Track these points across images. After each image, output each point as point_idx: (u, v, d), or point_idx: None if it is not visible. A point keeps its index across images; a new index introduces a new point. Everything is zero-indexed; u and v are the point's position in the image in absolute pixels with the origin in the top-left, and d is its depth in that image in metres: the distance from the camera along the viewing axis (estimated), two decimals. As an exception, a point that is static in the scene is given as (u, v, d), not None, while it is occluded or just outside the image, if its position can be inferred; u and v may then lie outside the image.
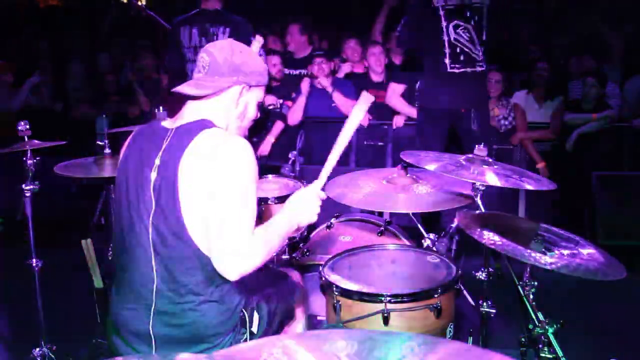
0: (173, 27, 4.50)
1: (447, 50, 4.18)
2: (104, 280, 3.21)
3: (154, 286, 1.90)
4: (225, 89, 2.01)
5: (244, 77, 2.03)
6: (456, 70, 4.22)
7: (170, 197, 1.87)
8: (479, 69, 4.26)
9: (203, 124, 1.95)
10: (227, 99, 2.03)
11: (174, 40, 4.43)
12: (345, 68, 5.72)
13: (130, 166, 1.99)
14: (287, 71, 5.60)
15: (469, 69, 4.24)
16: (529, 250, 1.96)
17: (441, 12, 4.16)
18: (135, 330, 1.94)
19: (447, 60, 4.18)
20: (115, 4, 6.89)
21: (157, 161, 1.92)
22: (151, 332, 1.91)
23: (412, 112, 5.13)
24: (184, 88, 1.98)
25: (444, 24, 4.16)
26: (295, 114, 5.28)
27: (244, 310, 2.02)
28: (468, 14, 4.19)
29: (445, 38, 4.17)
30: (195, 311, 1.91)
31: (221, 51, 2.03)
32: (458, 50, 4.20)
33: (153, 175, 1.91)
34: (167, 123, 2.04)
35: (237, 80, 2.02)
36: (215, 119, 2.00)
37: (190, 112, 2.02)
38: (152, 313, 1.91)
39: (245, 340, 2.03)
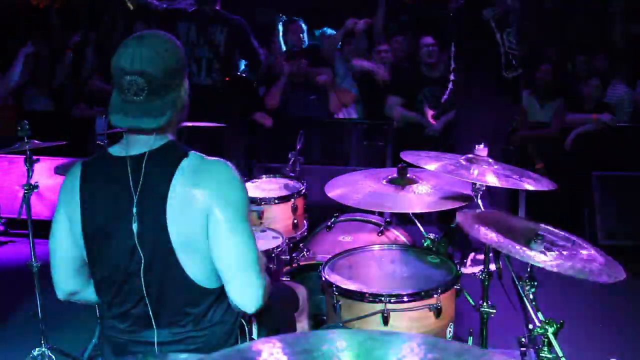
0: (170, 12, 4.51)
1: (502, 60, 4.10)
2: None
3: (151, 320, 1.83)
4: (176, 98, 1.80)
5: (181, 71, 1.82)
6: (512, 75, 4.14)
7: (161, 244, 1.75)
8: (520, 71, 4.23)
9: (175, 150, 1.79)
10: (179, 104, 1.82)
11: (171, 29, 4.44)
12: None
13: (101, 219, 1.79)
14: None
15: (518, 73, 4.20)
16: (526, 249, 1.96)
17: (493, 24, 4.06)
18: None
19: (503, 72, 4.11)
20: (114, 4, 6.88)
21: (135, 209, 1.75)
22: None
23: (421, 118, 5.19)
24: (132, 122, 1.74)
25: (497, 35, 4.07)
26: (273, 98, 5.31)
27: (243, 320, 1.99)
28: (510, 18, 4.14)
29: (502, 50, 4.09)
30: (198, 337, 1.86)
31: (152, 62, 1.72)
32: (510, 57, 4.12)
33: (134, 227, 1.75)
34: (118, 150, 1.83)
35: (181, 80, 1.82)
36: (171, 130, 1.85)
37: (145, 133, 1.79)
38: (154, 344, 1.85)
39: None
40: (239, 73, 4.92)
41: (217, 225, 1.74)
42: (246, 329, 2.00)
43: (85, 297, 1.98)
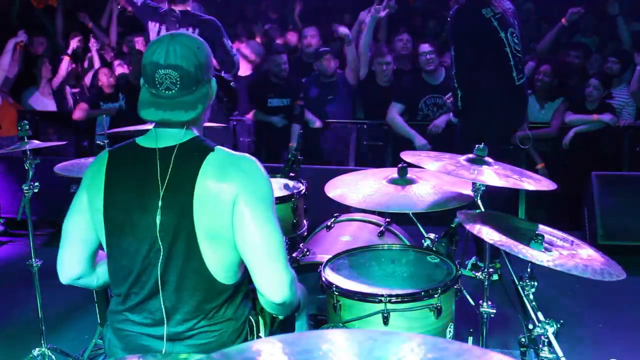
0: (142, 9, 4.51)
1: (512, 62, 3.87)
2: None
3: (167, 314, 1.84)
4: (206, 93, 1.86)
5: (210, 68, 1.88)
6: (522, 81, 3.95)
7: (185, 236, 1.77)
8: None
9: (202, 144, 1.83)
10: (208, 99, 1.89)
11: (140, 25, 4.47)
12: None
13: (124, 206, 1.82)
14: None
15: (526, 78, 4.01)
16: (527, 248, 1.96)
17: (495, 23, 3.85)
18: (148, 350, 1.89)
19: (514, 73, 3.89)
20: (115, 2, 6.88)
21: (160, 198, 1.77)
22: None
23: (411, 134, 5.16)
24: (163, 115, 1.78)
25: (502, 34, 3.85)
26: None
27: (251, 317, 2.00)
28: (511, 20, 3.93)
29: (508, 49, 3.86)
30: (211, 332, 1.87)
31: (186, 58, 1.79)
32: (517, 59, 3.91)
33: (158, 217, 1.77)
34: (146, 141, 1.87)
35: (209, 76, 1.88)
36: (197, 126, 1.90)
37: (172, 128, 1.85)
38: (165, 338, 1.86)
39: None
40: (217, 73, 4.90)
41: (243, 216, 1.77)
42: (255, 326, 2.01)
43: (88, 282, 2.00)
